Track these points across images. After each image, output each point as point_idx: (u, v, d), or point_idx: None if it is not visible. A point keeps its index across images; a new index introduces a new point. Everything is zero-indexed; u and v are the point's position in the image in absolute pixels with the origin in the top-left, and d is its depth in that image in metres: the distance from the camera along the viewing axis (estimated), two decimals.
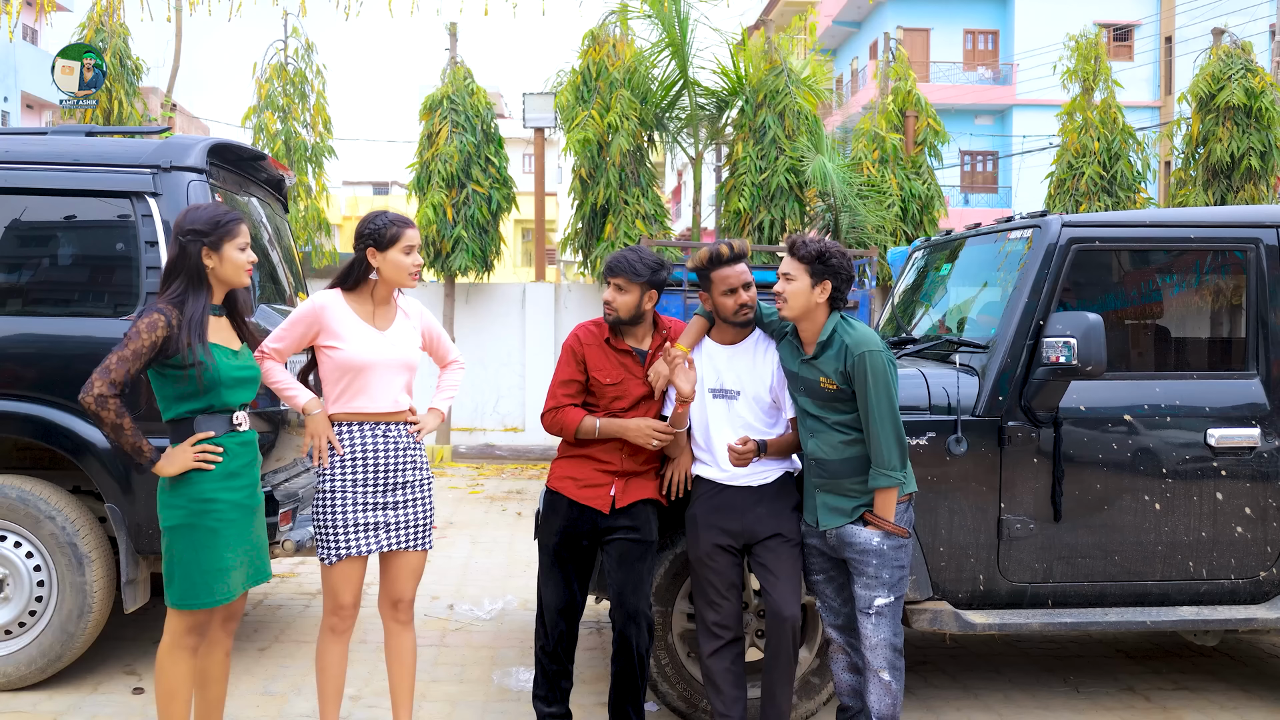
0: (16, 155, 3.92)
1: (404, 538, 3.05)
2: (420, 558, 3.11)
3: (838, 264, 3.04)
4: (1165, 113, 23.81)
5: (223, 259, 2.76)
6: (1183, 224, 3.77)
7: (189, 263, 2.72)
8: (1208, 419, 3.59)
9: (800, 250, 3.05)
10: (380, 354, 3.00)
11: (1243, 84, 10.58)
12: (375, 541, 3.00)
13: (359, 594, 3.06)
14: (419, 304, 3.23)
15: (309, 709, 3.71)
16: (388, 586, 3.10)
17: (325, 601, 3.05)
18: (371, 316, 3.05)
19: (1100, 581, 3.58)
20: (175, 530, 2.70)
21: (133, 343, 2.61)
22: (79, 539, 3.73)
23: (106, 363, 2.61)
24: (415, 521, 3.07)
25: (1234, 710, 3.88)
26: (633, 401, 3.25)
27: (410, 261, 3.01)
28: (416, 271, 3.04)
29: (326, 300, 3.02)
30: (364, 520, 2.99)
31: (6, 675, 3.72)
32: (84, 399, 2.59)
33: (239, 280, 2.81)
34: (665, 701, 3.57)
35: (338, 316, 3.00)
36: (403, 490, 3.05)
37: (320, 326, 3.00)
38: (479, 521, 7.41)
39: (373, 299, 3.07)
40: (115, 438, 2.63)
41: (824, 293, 3.05)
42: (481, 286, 11.67)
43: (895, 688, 3.03)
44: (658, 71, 10.86)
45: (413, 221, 3.05)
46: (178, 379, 2.68)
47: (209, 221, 2.75)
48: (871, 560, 3.00)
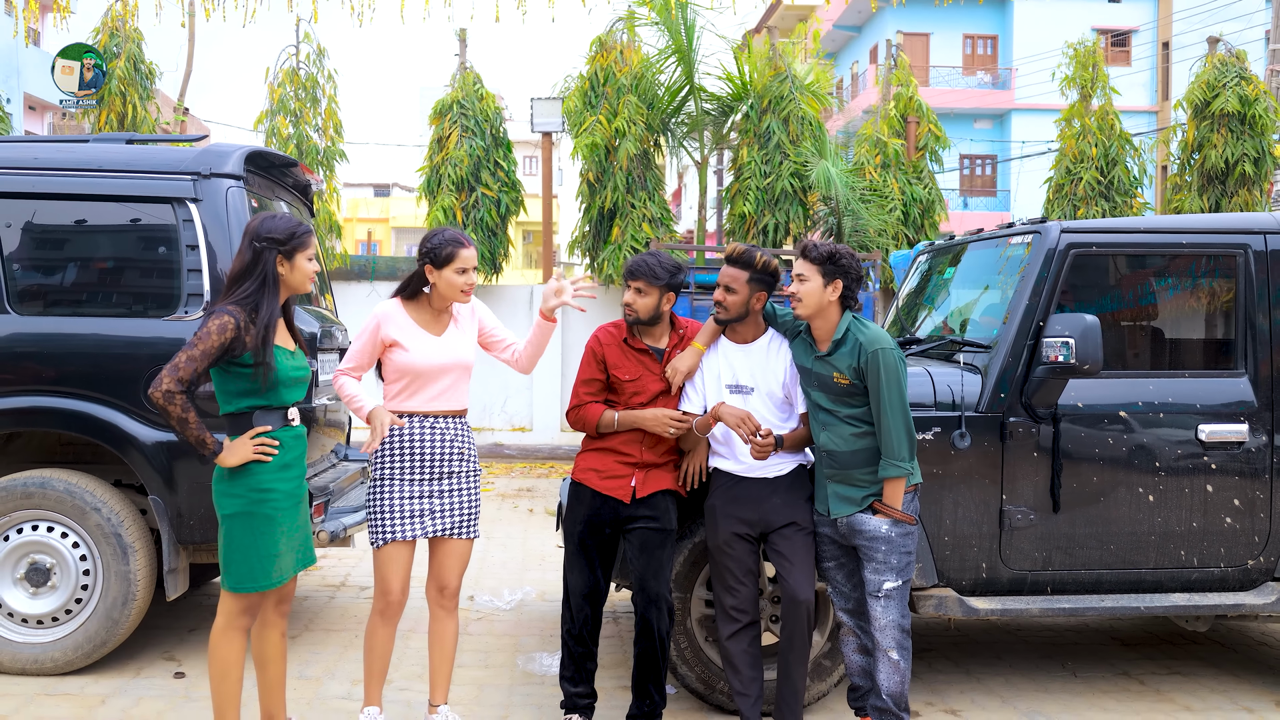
0: (61, 162, 4.10)
1: (450, 525, 3.24)
2: (466, 546, 3.30)
3: (847, 264, 3.24)
4: (1162, 118, 24.03)
5: (294, 267, 2.96)
6: (1176, 230, 3.97)
7: (264, 269, 2.91)
8: (1199, 415, 3.78)
9: (812, 252, 3.26)
10: (437, 358, 3.22)
11: (1237, 91, 10.80)
12: (421, 527, 3.20)
13: (407, 581, 3.24)
14: (476, 302, 3.40)
15: (343, 691, 3.89)
16: (435, 572, 3.30)
17: (375, 586, 3.24)
18: (428, 323, 3.27)
19: (1097, 569, 3.77)
20: (234, 518, 2.89)
21: (202, 343, 2.79)
22: (123, 530, 3.90)
23: (175, 360, 2.79)
24: (461, 510, 3.27)
25: (1223, 693, 4.07)
26: (650, 397, 3.44)
27: (463, 281, 3.20)
28: (469, 289, 3.23)
29: (386, 310, 3.25)
30: (412, 507, 3.19)
31: (54, 660, 3.90)
32: (153, 393, 2.77)
33: (305, 288, 3.02)
34: (684, 683, 3.75)
35: (398, 324, 3.23)
36: (450, 479, 3.24)
37: (384, 335, 3.23)
38: (492, 518, 7.59)
39: (431, 307, 3.28)
40: (181, 430, 2.81)
41: (835, 291, 3.24)
42: (490, 288, 11.85)
43: (904, 666, 3.22)
44: (664, 77, 11.07)
45: (470, 241, 3.24)
46: (242, 376, 2.87)
47: (285, 232, 2.95)
48: (880, 546, 3.19)
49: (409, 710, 3.70)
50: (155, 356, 3.87)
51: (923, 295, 4.84)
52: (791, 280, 3.28)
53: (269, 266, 2.91)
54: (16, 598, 3.93)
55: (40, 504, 3.89)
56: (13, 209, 4.02)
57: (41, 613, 3.91)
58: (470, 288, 3.24)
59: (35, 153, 4.14)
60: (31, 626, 3.93)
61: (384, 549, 3.20)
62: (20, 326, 3.96)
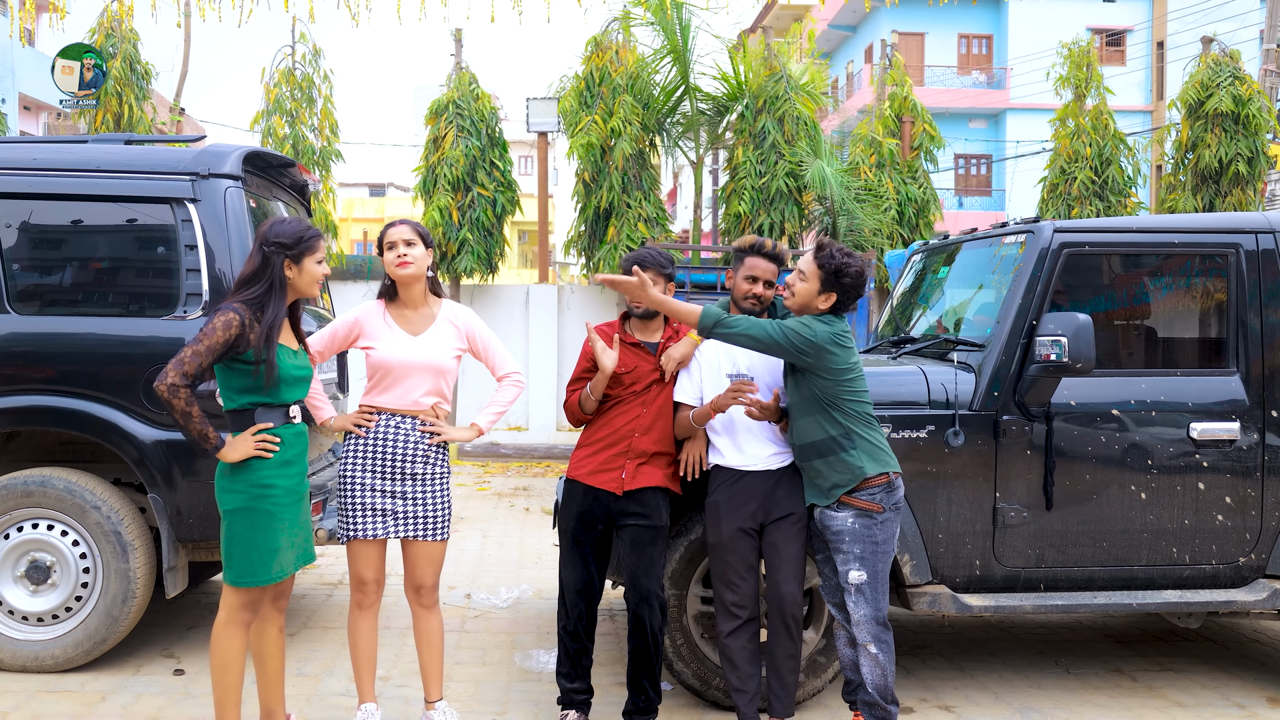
0: (60, 162, 4.11)
1: (415, 528, 3.29)
2: (433, 548, 3.33)
3: (850, 284, 3.25)
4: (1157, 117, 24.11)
5: (302, 271, 3.00)
6: (1168, 230, 4.00)
7: (272, 272, 2.96)
8: (1191, 414, 3.82)
9: (823, 259, 3.24)
10: (408, 356, 3.27)
11: (1231, 91, 10.85)
12: (384, 527, 3.26)
13: (380, 572, 3.31)
14: (468, 314, 3.45)
15: (341, 688, 3.92)
16: (408, 573, 3.36)
17: (350, 579, 3.31)
18: (406, 321, 3.32)
19: (1089, 566, 3.80)
20: (235, 513, 2.92)
21: (208, 338, 2.82)
22: (123, 527, 3.92)
23: (181, 355, 2.82)
24: (426, 513, 3.30)
25: (1215, 689, 4.10)
26: (646, 384, 3.51)
27: (393, 256, 3.26)
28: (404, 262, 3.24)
29: (368, 308, 3.35)
30: (374, 505, 3.25)
31: (54, 657, 3.92)
32: (157, 386, 2.80)
33: (312, 292, 3.07)
34: (680, 680, 3.78)
35: (374, 322, 3.31)
36: (413, 482, 3.28)
37: (360, 331, 3.32)
38: (488, 516, 7.61)
39: (405, 304, 3.33)
40: (184, 424, 2.84)
41: (827, 302, 3.27)
42: (486, 288, 11.87)
43: (883, 660, 3.24)
44: (659, 77, 11.08)
45: (400, 220, 3.34)
46: (245, 373, 2.90)
47: (293, 236, 2.99)
48: (845, 538, 3.22)
49: (407, 707, 3.72)
50: (154, 356, 3.89)
51: (917, 294, 4.87)
52: (793, 272, 3.32)
53: (276, 270, 2.96)
54: (17, 595, 3.94)
55: (40, 502, 3.91)
56: (12, 209, 4.04)
57: (42, 610, 3.93)
58: (404, 260, 3.22)
59: (34, 153, 4.16)
60: (32, 624, 3.95)
61: (350, 545, 3.29)
62: (20, 326, 3.97)
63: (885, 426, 3.68)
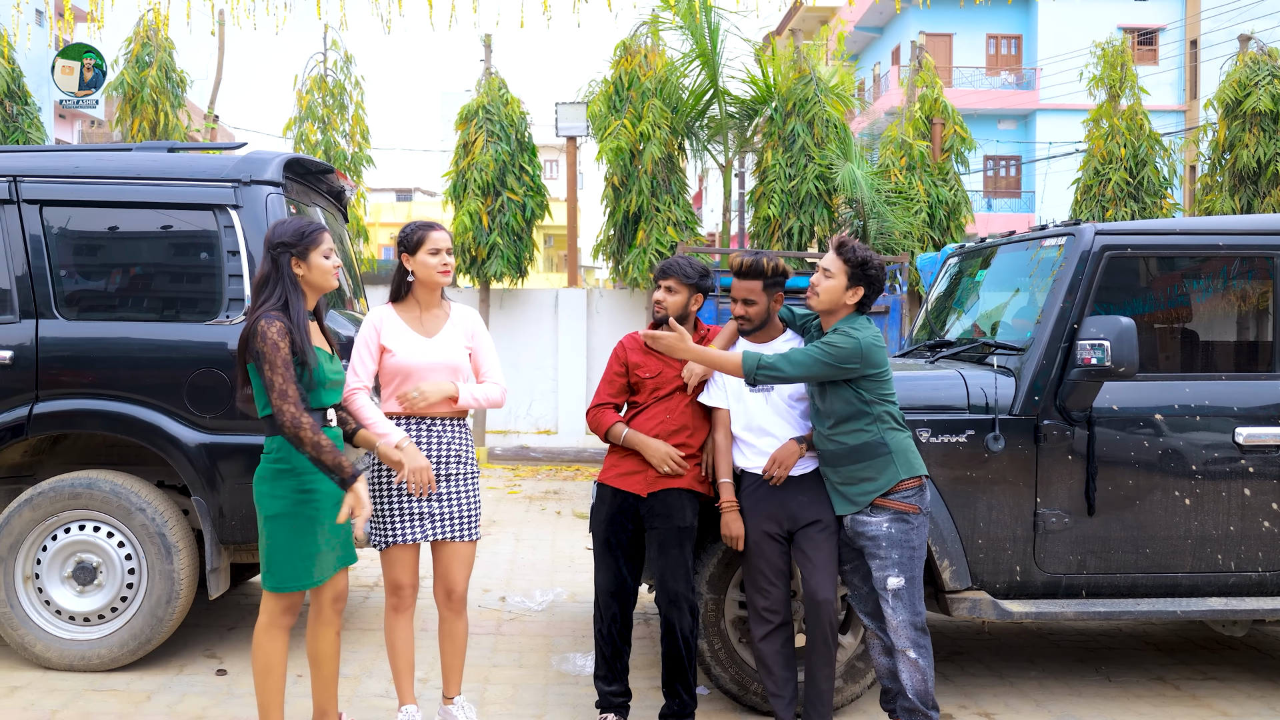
0: (105, 170, 4.19)
1: (450, 528, 3.30)
2: (468, 548, 3.35)
3: (875, 275, 3.27)
4: (1190, 117, 23.78)
5: (310, 266, 3.03)
6: (1211, 231, 3.95)
7: (282, 273, 2.99)
8: (1236, 418, 3.76)
9: (847, 253, 3.27)
10: (426, 358, 3.29)
11: (1269, 90, 10.67)
12: (422, 530, 3.27)
13: (415, 576, 3.34)
14: (474, 316, 3.47)
15: (380, 689, 3.95)
16: (440, 576, 3.37)
17: (385, 584, 3.34)
18: (419, 323, 3.34)
19: (1132, 573, 3.76)
20: (277, 519, 2.95)
21: (275, 354, 2.86)
22: (167, 529, 3.98)
23: (277, 390, 2.85)
24: (460, 513, 3.32)
25: (1261, 699, 4.04)
26: (670, 390, 3.52)
27: (438, 262, 3.28)
28: (447, 270, 3.30)
29: (379, 314, 3.34)
30: (411, 509, 3.27)
31: (100, 657, 3.98)
32: (284, 431, 2.85)
33: (327, 284, 3.08)
34: (718, 684, 3.77)
35: (390, 327, 3.32)
36: (447, 483, 3.31)
37: (382, 340, 3.32)
38: (520, 519, 7.64)
39: (419, 306, 3.35)
40: (315, 455, 2.86)
41: (855, 296, 3.28)
42: (515, 292, 11.92)
43: (923, 664, 3.22)
44: (688, 81, 11.08)
45: (439, 225, 3.33)
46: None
47: (294, 234, 3.03)
48: (881, 544, 3.20)
49: (432, 707, 3.74)
50: (197, 360, 3.96)
51: (952, 298, 4.84)
52: (817, 271, 3.31)
53: (286, 270, 2.99)
54: (64, 595, 4.02)
55: (87, 504, 3.98)
56: (59, 216, 4.12)
57: (88, 610, 4.00)
58: (448, 269, 3.29)
59: (78, 161, 4.24)
60: (79, 624, 4.02)
61: (388, 551, 3.31)
62: (67, 331, 4.05)
63: (924, 431, 3.66)
